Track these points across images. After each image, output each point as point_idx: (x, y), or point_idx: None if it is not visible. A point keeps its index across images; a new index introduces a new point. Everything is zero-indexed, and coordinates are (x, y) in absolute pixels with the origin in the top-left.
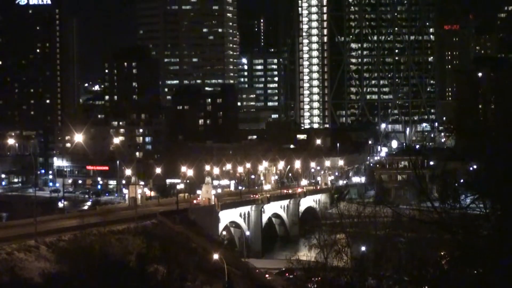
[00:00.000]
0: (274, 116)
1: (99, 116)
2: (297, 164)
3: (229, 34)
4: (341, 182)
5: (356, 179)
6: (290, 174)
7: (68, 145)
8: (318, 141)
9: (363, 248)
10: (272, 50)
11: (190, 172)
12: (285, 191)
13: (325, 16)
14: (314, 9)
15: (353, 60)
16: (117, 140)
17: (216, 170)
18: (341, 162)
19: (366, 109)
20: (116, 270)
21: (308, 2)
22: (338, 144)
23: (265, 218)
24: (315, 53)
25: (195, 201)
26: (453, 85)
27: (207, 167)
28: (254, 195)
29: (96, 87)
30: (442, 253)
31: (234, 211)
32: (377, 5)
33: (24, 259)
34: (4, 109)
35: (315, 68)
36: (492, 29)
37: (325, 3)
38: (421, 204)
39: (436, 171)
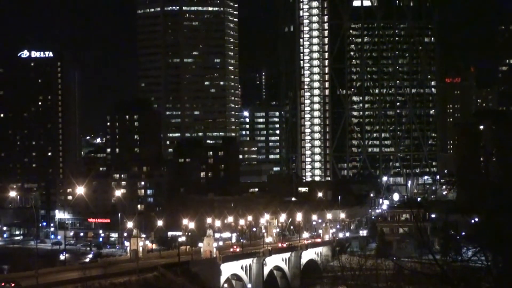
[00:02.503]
0: (276, 168)
1: (101, 168)
2: (299, 216)
3: (231, 87)
4: (342, 235)
5: (357, 232)
6: (291, 227)
7: (70, 197)
8: (320, 194)
9: None
10: (274, 103)
11: (191, 225)
12: (288, 243)
13: (326, 69)
14: (315, 62)
15: (355, 113)
16: (118, 192)
17: (218, 223)
18: (342, 215)
19: (367, 162)
20: None
21: (310, 55)
22: (339, 197)
23: (266, 271)
24: (316, 106)
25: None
26: (454, 138)
27: (209, 220)
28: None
29: (98, 140)
30: None
31: (235, 264)
32: (379, 58)
33: None
34: (6, 161)
35: (316, 121)
36: (493, 82)
37: (326, 56)
38: (422, 256)
39: (437, 223)
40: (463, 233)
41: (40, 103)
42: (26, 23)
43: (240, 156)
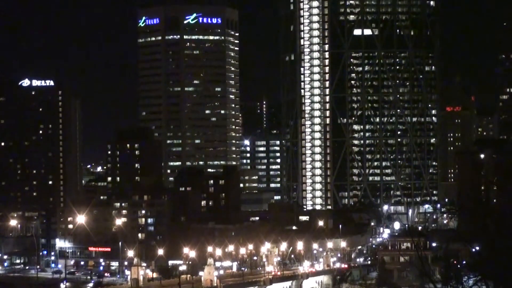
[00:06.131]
0: (277, 197)
1: (102, 197)
2: (300, 245)
3: (232, 116)
4: (343, 264)
5: (358, 261)
6: (292, 256)
7: (71, 226)
8: (321, 223)
9: None
10: (275, 131)
11: (192, 254)
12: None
13: (327, 98)
14: (316, 91)
15: (356, 142)
16: (119, 221)
17: (219, 252)
18: (343, 244)
19: (368, 191)
20: None
21: (311, 83)
22: (340, 226)
23: None
24: (317, 135)
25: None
26: (455, 166)
27: (209, 249)
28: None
29: (99, 169)
30: None
31: None
32: (379, 87)
33: None
34: (7, 190)
35: (317, 149)
36: (493, 111)
37: (327, 84)
38: (423, 285)
39: (438, 252)
40: (464, 262)
41: (40, 131)
42: (27, 52)
43: (241, 185)
